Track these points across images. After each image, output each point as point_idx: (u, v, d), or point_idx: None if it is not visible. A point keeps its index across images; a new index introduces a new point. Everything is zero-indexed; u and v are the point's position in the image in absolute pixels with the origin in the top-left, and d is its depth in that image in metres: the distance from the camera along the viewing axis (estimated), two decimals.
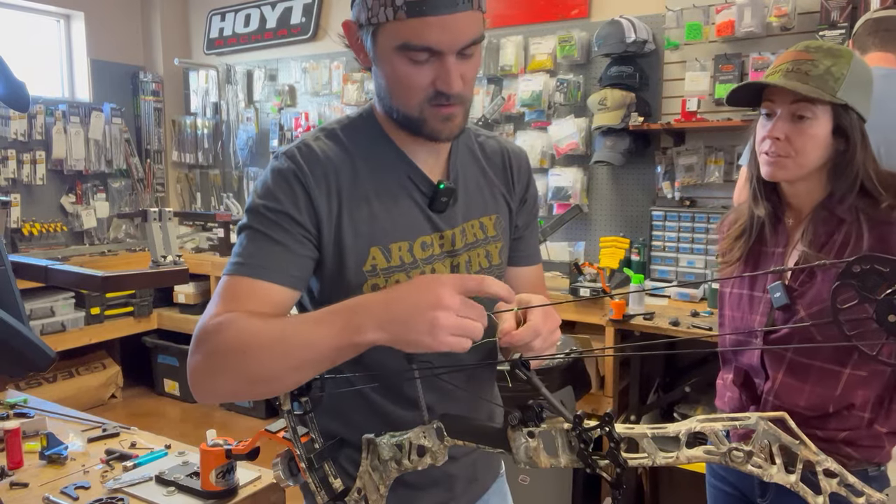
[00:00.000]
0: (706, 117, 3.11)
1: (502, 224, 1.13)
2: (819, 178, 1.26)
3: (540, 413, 0.75)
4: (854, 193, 1.22)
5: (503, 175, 1.14)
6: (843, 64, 1.19)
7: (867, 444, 1.24)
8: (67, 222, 4.67)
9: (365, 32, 0.93)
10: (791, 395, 1.26)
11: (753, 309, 1.33)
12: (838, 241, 1.23)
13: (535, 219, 1.22)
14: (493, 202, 1.12)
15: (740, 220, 1.39)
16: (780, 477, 0.65)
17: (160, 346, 4.57)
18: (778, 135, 1.23)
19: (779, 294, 1.26)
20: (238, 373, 0.85)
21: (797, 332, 1.25)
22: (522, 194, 1.17)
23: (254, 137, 4.92)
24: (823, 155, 1.23)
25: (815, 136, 1.21)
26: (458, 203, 1.06)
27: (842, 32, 2.79)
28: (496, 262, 1.11)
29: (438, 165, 1.06)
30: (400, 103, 0.96)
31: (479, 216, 1.09)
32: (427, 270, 1.03)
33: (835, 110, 1.20)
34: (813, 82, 1.18)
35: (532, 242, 1.22)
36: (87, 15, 4.80)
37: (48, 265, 1.67)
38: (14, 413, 1.79)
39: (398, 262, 1.01)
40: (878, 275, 0.56)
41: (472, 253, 1.08)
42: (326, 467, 0.92)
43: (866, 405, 1.23)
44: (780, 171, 1.25)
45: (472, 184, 1.10)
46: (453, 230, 1.05)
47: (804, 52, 1.22)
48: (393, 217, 1.01)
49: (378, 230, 1.00)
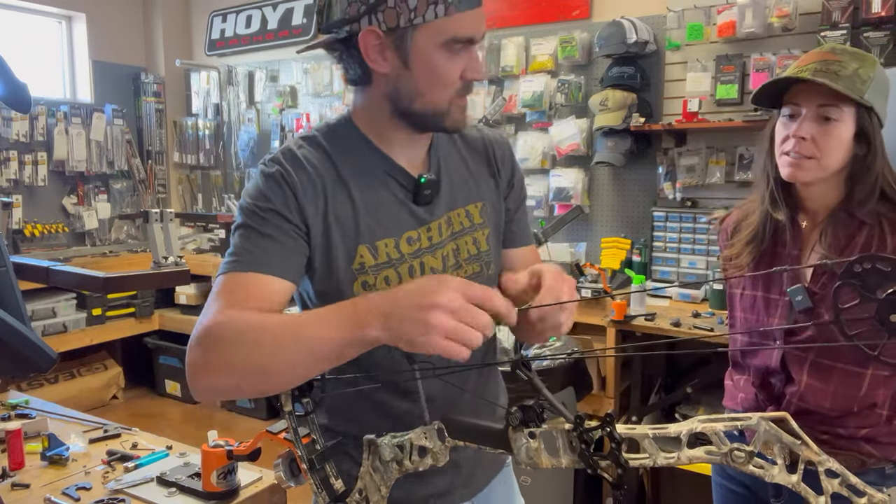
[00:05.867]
0: (707, 118, 3.11)
1: (488, 210, 1.14)
2: (836, 181, 1.25)
3: (541, 414, 0.75)
4: (874, 198, 1.21)
5: (486, 162, 1.16)
6: (869, 67, 1.19)
7: (886, 441, 1.24)
8: (69, 223, 4.68)
9: (397, 36, 0.95)
10: (816, 397, 1.26)
11: (770, 312, 1.32)
12: (859, 243, 1.22)
13: (523, 201, 1.23)
14: (478, 190, 1.14)
15: (750, 225, 1.36)
16: (782, 477, 0.65)
17: (161, 347, 4.58)
18: (804, 134, 1.21)
19: (801, 297, 1.25)
20: (237, 367, 0.85)
21: (820, 335, 1.24)
22: (509, 178, 1.19)
23: (255, 138, 4.93)
24: (845, 158, 1.22)
25: (840, 138, 1.20)
26: (442, 193, 1.09)
27: (843, 33, 2.78)
28: (484, 248, 1.12)
29: (419, 160, 1.09)
30: (431, 99, 0.99)
31: (464, 204, 1.11)
32: (415, 265, 1.06)
33: (858, 113, 1.19)
34: (842, 82, 1.16)
35: (523, 224, 1.23)
36: (88, 16, 4.81)
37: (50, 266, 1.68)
38: (16, 414, 1.79)
39: (385, 259, 1.04)
40: (880, 274, 0.56)
41: (460, 241, 1.10)
42: (328, 468, 0.92)
43: (886, 403, 1.24)
44: (802, 172, 1.23)
45: (455, 173, 1.12)
46: (438, 221, 1.08)
47: (830, 54, 1.21)
48: (377, 215, 1.04)
49: (364, 228, 1.03)
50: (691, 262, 3.22)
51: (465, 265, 1.10)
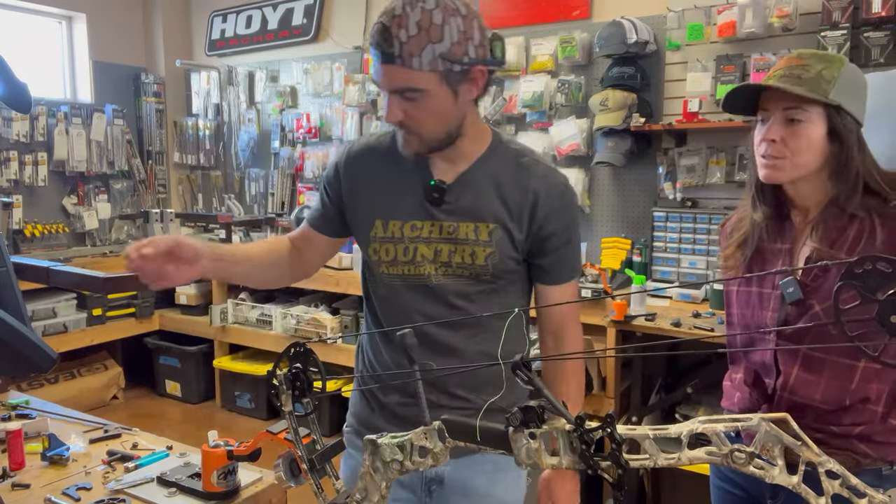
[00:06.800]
0: (708, 118, 3.11)
1: (498, 234, 1.28)
2: (819, 179, 1.27)
3: (541, 414, 0.75)
4: (859, 193, 1.23)
5: (521, 202, 1.28)
6: (834, 68, 1.22)
7: (882, 439, 1.24)
8: (69, 223, 4.68)
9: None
10: (807, 389, 1.26)
11: (763, 305, 1.34)
12: (851, 235, 1.24)
13: (561, 247, 1.32)
14: (496, 215, 1.28)
15: (743, 227, 1.40)
16: (783, 478, 0.65)
17: (162, 348, 4.57)
18: (773, 137, 1.25)
19: (792, 289, 1.27)
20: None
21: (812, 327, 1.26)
22: (541, 227, 1.29)
23: (255, 139, 4.92)
24: (819, 157, 1.24)
25: (809, 137, 1.23)
26: (460, 204, 1.28)
27: (843, 33, 2.78)
28: (480, 262, 1.28)
29: (451, 171, 1.29)
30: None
31: (476, 221, 1.28)
32: (410, 248, 1.30)
33: (828, 113, 1.22)
34: (805, 85, 1.21)
35: (558, 267, 1.34)
36: (88, 16, 4.81)
37: (50, 266, 1.68)
38: (16, 414, 1.79)
39: (390, 235, 1.31)
40: (881, 275, 0.55)
41: (458, 247, 1.28)
42: (328, 468, 0.92)
43: (880, 399, 1.24)
44: (777, 172, 1.27)
45: (483, 193, 1.28)
46: (442, 222, 1.28)
47: (797, 59, 1.26)
48: (396, 200, 1.31)
49: (384, 206, 1.32)
50: (692, 262, 3.22)
51: (455, 267, 1.29)
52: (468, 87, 1.21)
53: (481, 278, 1.29)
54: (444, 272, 1.29)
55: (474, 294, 1.30)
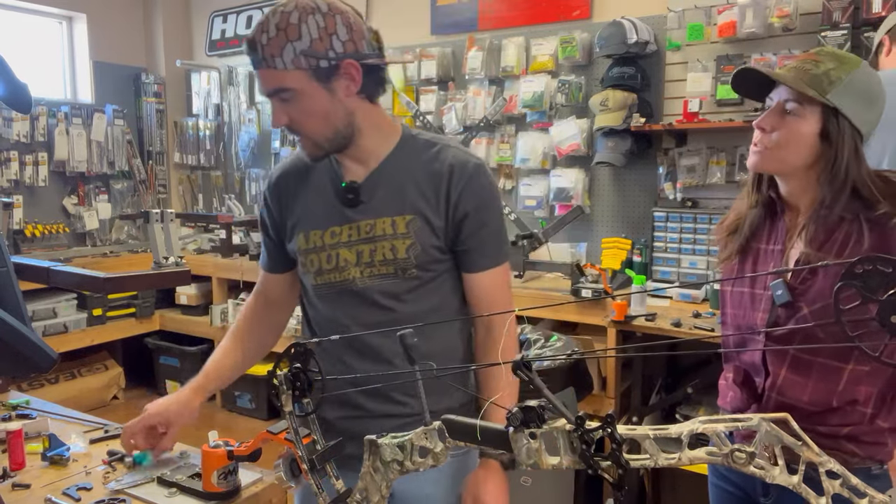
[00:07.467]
0: (708, 118, 3.11)
1: (417, 225, 1.27)
2: (808, 179, 1.26)
3: (542, 414, 0.75)
4: (844, 198, 1.21)
5: (437, 184, 1.28)
6: (844, 70, 1.19)
7: (870, 440, 1.24)
8: (69, 224, 4.68)
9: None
10: (794, 391, 1.26)
11: (755, 306, 1.34)
12: (839, 239, 1.23)
13: (479, 230, 1.30)
14: (412, 204, 1.28)
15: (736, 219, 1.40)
16: (783, 478, 0.65)
17: (162, 348, 4.58)
18: (763, 125, 1.26)
19: (781, 291, 1.27)
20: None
21: (800, 329, 1.25)
22: (457, 204, 1.27)
23: (256, 139, 4.93)
24: (807, 154, 1.23)
25: (798, 132, 1.22)
26: (373, 201, 1.29)
27: (844, 33, 2.78)
28: (402, 255, 1.28)
29: (362, 170, 1.31)
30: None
31: (392, 215, 1.28)
32: (333, 255, 1.31)
33: (824, 114, 1.20)
34: (806, 80, 1.20)
35: (478, 252, 1.31)
36: (89, 17, 4.81)
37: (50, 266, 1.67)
38: (16, 414, 1.79)
39: (313, 245, 1.33)
40: (881, 275, 0.55)
41: (378, 244, 1.28)
42: (328, 468, 0.92)
43: (869, 401, 1.23)
44: (761, 160, 1.28)
45: (397, 186, 1.29)
46: (359, 223, 1.29)
47: (813, 54, 1.24)
48: (314, 210, 1.34)
49: (305, 219, 1.35)
50: (692, 262, 3.22)
51: (378, 265, 1.29)
52: (344, 82, 1.20)
53: (407, 273, 1.28)
54: (370, 273, 1.29)
55: (403, 293, 1.30)
